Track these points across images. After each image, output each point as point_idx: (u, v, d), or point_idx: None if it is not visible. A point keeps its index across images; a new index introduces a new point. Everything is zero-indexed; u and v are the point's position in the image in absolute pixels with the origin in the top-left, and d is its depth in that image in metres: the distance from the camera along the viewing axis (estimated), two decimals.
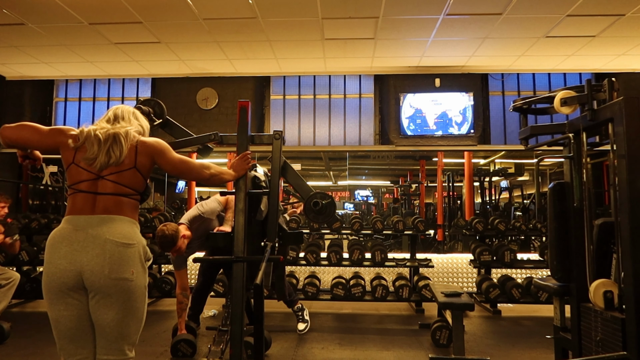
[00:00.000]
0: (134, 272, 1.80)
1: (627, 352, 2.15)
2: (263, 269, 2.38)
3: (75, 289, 1.76)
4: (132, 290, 1.79)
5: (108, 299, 1.75)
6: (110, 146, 1.84)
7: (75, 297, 1.77)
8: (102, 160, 1.82)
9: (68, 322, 1.77)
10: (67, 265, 1.74)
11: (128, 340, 1.82)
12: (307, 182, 2.99)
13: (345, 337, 4.18)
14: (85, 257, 1.74)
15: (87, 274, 1.73)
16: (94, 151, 1.83)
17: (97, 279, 1.73)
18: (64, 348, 1.81)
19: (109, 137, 1.86)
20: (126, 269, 1.78)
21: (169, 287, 5.11)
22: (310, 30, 4.92)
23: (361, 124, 6.47)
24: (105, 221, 1.79)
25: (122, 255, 1.77)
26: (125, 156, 1.86)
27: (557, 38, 5.07)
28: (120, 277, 1.76)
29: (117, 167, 1.85)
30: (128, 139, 1.88)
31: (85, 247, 1.75)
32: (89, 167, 1.83)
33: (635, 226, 2.16)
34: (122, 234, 1.79)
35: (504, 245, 5.50)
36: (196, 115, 6.47)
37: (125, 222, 1.83)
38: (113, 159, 1.83)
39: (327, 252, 5.24)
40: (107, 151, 1.83)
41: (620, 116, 2.23)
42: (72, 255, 1.74)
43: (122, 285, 1.76)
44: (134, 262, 1.80)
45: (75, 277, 1.74)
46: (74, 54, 5.61)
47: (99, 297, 1.75)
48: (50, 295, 1.77)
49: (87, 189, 1.83)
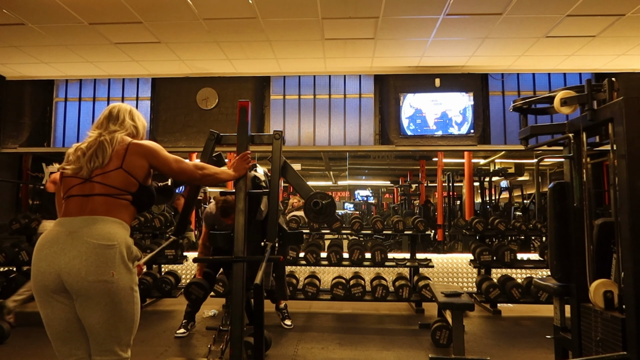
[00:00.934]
0: (114, 273, 1.75)
1: (627, 352, 2.15)
2: (263, 269, 2.38)
3: (58, 292, 1.75)
4: (114, 292, 1.75)
5: (89, 302, 1.73)
6: (94, 152, 1.88)
7: (59, 300, 1.76)
8: (87, 168, 1.86)
9: (57, 325, 1.78)
10: (47, 267, 1.73)
11: (119, 341, 1.80)
12: (307, 182, 2.99)
13: (345, 337, 4.18)
14: (64, 259, 1.72)
15: (65, 277, 1.72)
16: (79, 163, 1.88)
17: (75, 282, 1.71)
18: (59, 349, 1.81)
19: (92, 145, 1.90)
20: (105, 271, 1.73)
21: (169, 287, 5.11)
22: (310, 30, 4.92)
23: (361, 124, 6.46)
24: (88, 222, 1.79)
25: (100, 256, 1.74)
26: (109, 158, 1.88)
27: (557, 38, 5.07)
28: (99, 280, 1.72)
29: (103, 169, 1.86)
30: (114, 143, 1.91)
31: (63, 249, 1.74)
32: (77, 176, 1.88)
33: (635, 226, 2.16)
34: (102, 235, 1.77)
35: (504, 245, 5.50)
36: (196, 115, 6.47)
37: (109, 222, 1.81)
38: (97, 163, 1.87)
39: (327, 252, 5.24)
40: (89, 158, 1.87)
41: (620, 116, 2.23)
42: (51, 258, 1.74)
43: (102, 288, 1.73)
44: (113, 264, 1.76)
45: (55, 280, 1.73)
46: (74, 54, 5.61)
47: (81, 300, 1.74)
48: (38, 297, 1.78)
49: (77, 193, 1.86)
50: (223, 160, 3.10)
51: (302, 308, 5.31)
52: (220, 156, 3.07)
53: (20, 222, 5.30)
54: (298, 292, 5.07)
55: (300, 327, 4.52)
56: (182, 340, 4.06)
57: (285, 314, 4.56)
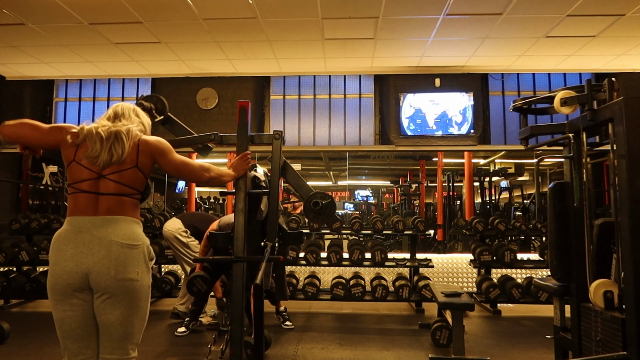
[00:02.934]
0: (139, 272, 1.83)
1: (627, 352, 2.15)
2: (263, 269, 2.38)
3: (81, 290, 1.78)
4: (138, 290, 1.82)
5: (114, 299, 1.78)
6: (112, 144, 1.83)
7: (80, 298, 1.78)
8: (104, 159, 1.81)
9: (72, 323, 1.79)
10: (74, 267, 1.75)
11: (132, 339, 1.84)
12: (307, 182, 2.99)
13: (345, 337, 4.18)
14: (92, 259, 1.75)
15: (93, 275, 1.75)
16: (97, 149, 1.81)
17: (103, 280, 1.75)
18: (68, 348, 1.82)
19: (111, 134, 1.84)
20: (131, 270, 1.80)
21: (169, 287, 5.11)
22: (310, 30, 4.92)
23: (361, 124, 6.46)
24: (109, 222, 1.80)
25: (128, 256, 1.80)
26: (127, 154, 1.85)
27: (557, 38, 5.07)
28: (126, 278, 1.78)
29: (119, 166, 1.84)
30: (130, 137, 1.87)
31: (91, 249, 1.76)
32: (91, 166, 1.82)
33: (635, 226, 2.16)
34: (127, 235, 1.81)
35: (504, 245, 5.50)
36: (196, 115, 6.47)
37: (129, 222, 1.85)
38: (115, 157, 1.82)
39: (327, 252, 5.24)
40: (109, 149, 1.82)
41: (620, 116, 2.23)
42: (78, 258, 1.76)
43: (128, 286, 1.79)
44: (138, 263, 1.83)
45: (82, 279, 1.76)
46: (74, 54, 5.61)
47: (105, 297, 1.78)
48: (56, 296, 1.79)
49: (89, 189, 1.82)
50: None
51: (302, 308, 5.31)
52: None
53: (20, 222, 5.30)
54: (298, 292, 5.07)
55: (300, 327, 4.52)
56: (182, 340, 4.06)
57: (285, 317, 4.56)
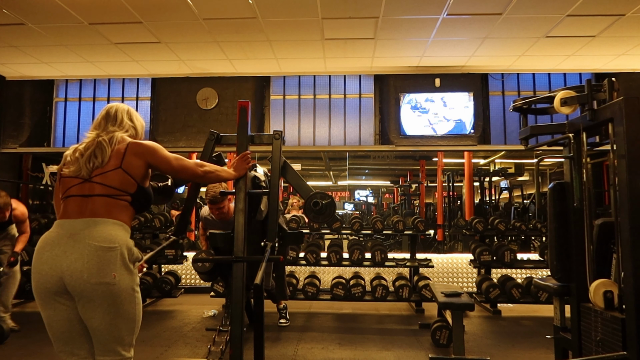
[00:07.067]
0: (115, 275, 1.76)
1: (627, 352, 2.15)
2: (263, 269, 2.38)
3: (60, 294, 1.76)
4: (116, 293, 1.76)
5: (91, 304, 1.74)
6: (92, 152, 1.88)
7: (61, 302, 1.77)
8: (86, 168, 1.86)
9: (59, 326, 1.79)
10: (49, 270, 1.74)
11: (121, 342, 1.81)
12: (307, 182, 2.99)
13: (345, 337, 4.18)
14: (65, 262, 1.73)
15: (67, 279, 1.73)
16: (78, 164, 1.87)
17: (77, 284, 1.72)
18: (60, 349, 1.82)
19: (90, 146, 1.90)
20: (106, 273, 1.74)
21: (169, 287, 5.11)
22: (310, 30, 4.92)
23: (361, 124, 6.46)
24: (89, 225, 1.79)
25: (102, 259, 1.74)
26: (110, 157, 1.87)
27: (557, 38, 5.06)
28: (101, 282, 1.73)
29: (102, 169, 1.86)
30: (113, 143, 1.91)
31: (65, 252, 1.74)
32: (77, 176, 1.87)
33: (635, 226, 2.16)
34: (103, 237, 1.77)
35: (504, 245, 5.50)
36: (196, 115, 6.47)
37: (110, 224, 1.82)
38: (96, 163, 1.86)
39: (327, 252, 5.24)
40: (88, 158, 1.87)
41: (620, 116, 2.23)
42: (53, 261, 1.74)
43: (104, 290, 1.74)
44: (114, 265, 1.77)
45: (57, 282, 1.74)
46: (74, 54, 5.61)
47: (83, 301, 1.75)
48: (39, 299, 1.79)
49: (76, 193, 1.85)
50: (223, 160, 3.10)
51: (302, 308, 5.31)
52: (220, 156, 3.07)
53: None
54: (298, 292, 5.07)
55: (300, 327, 4.52)
56: (182, 340, 4.07)
57: (283, 314, 4.59)
